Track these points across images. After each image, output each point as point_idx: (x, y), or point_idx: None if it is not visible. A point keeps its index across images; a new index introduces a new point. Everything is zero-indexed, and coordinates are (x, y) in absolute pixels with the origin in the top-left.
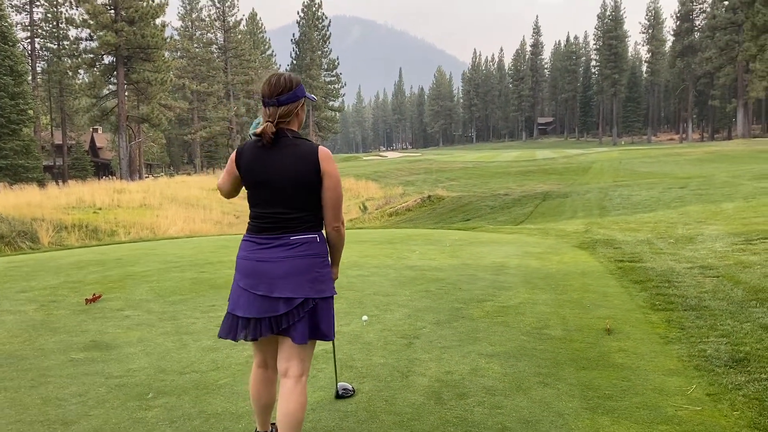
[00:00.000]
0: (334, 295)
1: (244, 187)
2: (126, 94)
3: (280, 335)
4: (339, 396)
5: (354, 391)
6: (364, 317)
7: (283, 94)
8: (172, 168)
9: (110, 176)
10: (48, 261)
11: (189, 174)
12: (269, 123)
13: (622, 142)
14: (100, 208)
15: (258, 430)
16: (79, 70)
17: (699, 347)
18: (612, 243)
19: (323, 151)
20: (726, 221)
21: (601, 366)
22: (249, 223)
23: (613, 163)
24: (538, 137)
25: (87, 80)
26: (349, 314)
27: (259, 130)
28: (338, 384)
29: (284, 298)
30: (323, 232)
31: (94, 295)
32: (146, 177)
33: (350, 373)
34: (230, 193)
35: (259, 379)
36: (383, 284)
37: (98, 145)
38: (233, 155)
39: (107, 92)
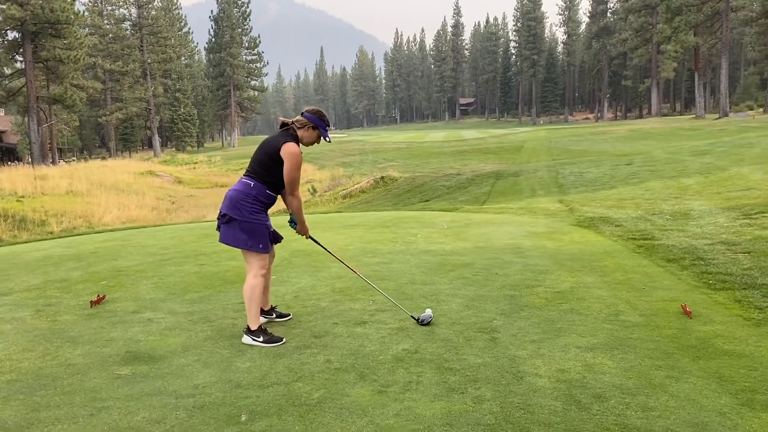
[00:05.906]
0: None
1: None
2: (35, 73)
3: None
4: (420, 321)
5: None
6: (428, 310)
7: (305, 114)
8: (84, 152)
9: (17, 162)
10: (9, 257)
11: (104, 158)
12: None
13: (541, 122)
14: (22, 196)
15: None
16: None
17: None
18: (608, 221)
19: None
20: (701, 196)
21: (712, 354)
22: None
23: (543, 142)
24: (460, 118)
25: None
26: (401, 309)
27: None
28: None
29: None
30: (265, 186)
31: (98, 296)
32: (59, 162)
33: (455, 376)
34: None
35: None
36: (413, 272)
37: (1, 128)
38: None
39: (12, 71)
